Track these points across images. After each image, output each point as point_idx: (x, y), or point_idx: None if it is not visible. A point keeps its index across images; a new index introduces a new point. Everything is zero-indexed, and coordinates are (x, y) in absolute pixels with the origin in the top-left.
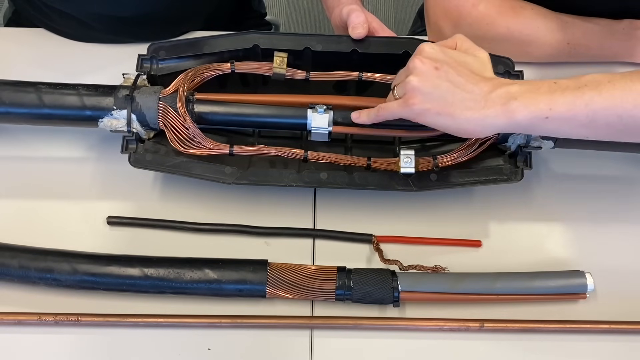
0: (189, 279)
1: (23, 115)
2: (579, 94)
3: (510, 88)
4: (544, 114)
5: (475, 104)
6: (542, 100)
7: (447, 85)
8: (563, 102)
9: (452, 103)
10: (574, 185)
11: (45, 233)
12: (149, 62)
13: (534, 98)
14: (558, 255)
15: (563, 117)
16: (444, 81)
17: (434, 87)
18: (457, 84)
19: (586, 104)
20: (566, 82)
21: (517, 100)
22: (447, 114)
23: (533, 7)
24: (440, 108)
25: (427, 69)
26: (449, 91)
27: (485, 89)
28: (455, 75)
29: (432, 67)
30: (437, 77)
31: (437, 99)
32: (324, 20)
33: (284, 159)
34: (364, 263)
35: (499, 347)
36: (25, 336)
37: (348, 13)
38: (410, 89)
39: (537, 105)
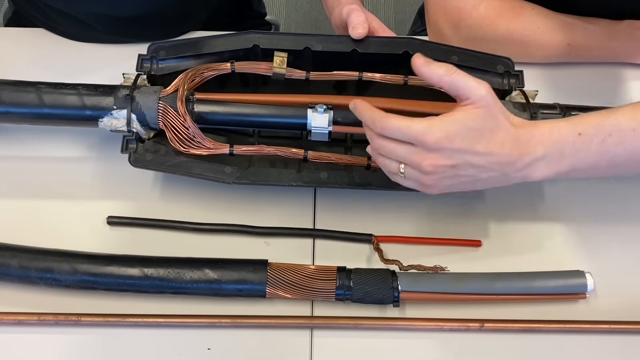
0: (189, 279)
1: (23, 115)
2: (602, 151)
3: (533, 160)
4: (565, 172)
5: (496, 181)
6: (565, 165)
7: (467, 176)
8: (586, 162)
9: (474, 186)
10: (574, 185)
11: (45, 233)
12: (149, 62)
13: (557, 164)
14: (558, 255)
15: (585, 173)
16: (462, 174)
17: (454, 181)
18: (476, 172)
19: (609, 158)
20: (591, 131)
21: (541, 171)
22: (471, 191)
23: (533, 8)
24: (465, 190)
25: (445, 169)
26: (469, 180)
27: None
28: (472, 165)
29: (449, 165)
30: (456, 173)
31: (458, 187)
32: (324, 20)
33: (284, 159)
34: (364, 263)
35: (499, 347)
36: (25, 336)
37: (348, 13)
38: (428, 185)
39: (559, 169)
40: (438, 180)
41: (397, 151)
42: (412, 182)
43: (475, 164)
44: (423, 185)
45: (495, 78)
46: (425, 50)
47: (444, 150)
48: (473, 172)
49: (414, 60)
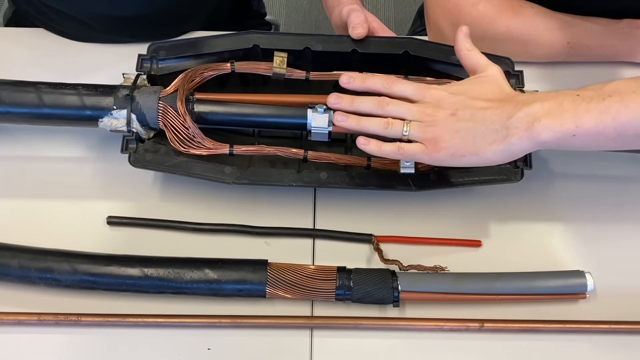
0: (189, 279)
1: (23, 115)
2: (604, 108)
3: (530, 109)
4: (570, 132)
5: (497, 135)
6: (567, 119)
7: (466, 126)
8: (589, 119)
9: (474, 142)
10: (574, 185)
11: (45, 233)
12: (149, 62)
13: (558, 117)
14: (558, 255)
15: (591, 133)
16: (462, 124)
17: (455, 132)
18: (476, 121)
19: (613, 117)
20: (589, 93)
21: (541, 122)
22: (471, 154)
23: (533, 7)
24: (464, 150)
25: (444, 118)
26: (469, 132)
27: (504, 115)
28: (472, 113)
29: (449, 113)
30: (456, 122)
31: (460, 142)
32: (324, 20)
33: (284, 159)
34: (364, 263)
35: (499, 347)
36: (25, 336)
37: (348, 13)
38: (431, 139)
39: (562, 125)
40: (439, 132)
41: (404, 106)
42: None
43: (475, 108)
44: (427, 142)
45: None
46: (425, 50)
47: (444, 99)
48: (473, 120)
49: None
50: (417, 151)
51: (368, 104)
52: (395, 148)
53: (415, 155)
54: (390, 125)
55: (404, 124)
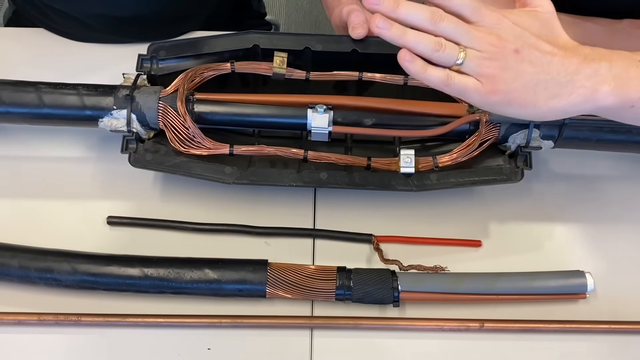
0: (189, 279)
1: (23, 115)
2: None
3: (600, 68)
4: (632, 102)
5: (562, 90)
6: (632, 87)
7: (530, 70)
8: None
9: (535, 92)
10: (574, 185)
11: (45, 233)
12: (149, 62)
13: (625, 84)
14: (558, 255)
15: None
16: (527, 66)
17: (517, 74)
18: (541, 67)
19: None
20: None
21: (609, 85)
22: (530, 105)
23: None
24: (523, 99)
25: (507, 54)
26: (533, 78)
27: (571, 68)
28: (538, 56)
29: (512, 49)
30: (520, 62)
31: (520, 88)
32: (324, 20)
33: (284, 159)
34: (364, 263)
35: (499, 347)
36: (25, 336)
37: (348, 13)
38: (489, 76)
39: (627, 94)
40: (499, 70)
41: (460, 27)
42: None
43: (541, 52)
44: (483, 79)
45: None
46: None
47: (507, 29)
48: (538, 65)
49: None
50: (471, 87)
51: (417, 13)
52: (444, 76)
53: (466, 91)
54: (443, 47)
55: (460, 50)
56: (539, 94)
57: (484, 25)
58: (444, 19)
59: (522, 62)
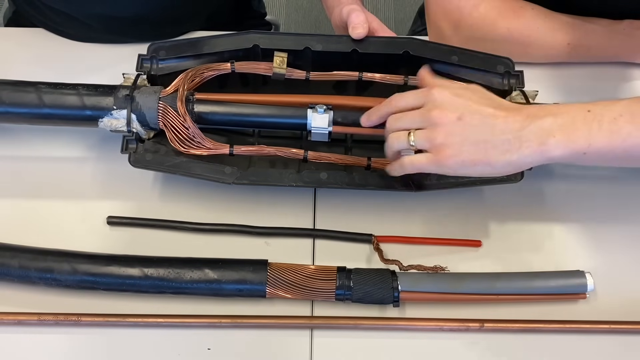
0: (189, 279)
1: (23, 115)
2: (616, 129)
3: (543, 122)
4: (582, 150)
5: (511, 146)
6: (580, 137)
7: (476, 133)
8: (601, 138)
9: (485, 151)
10: (574, 185)
11: (45, 233)
12: (149, 62)
13: (571, 134)
14: (558, 255)
15: (601, 152)
16: (471, 129)
17: (464, 138)
18: (484, 128)
19: (623, 139)
20: (600, 110)
21: (555, 137)
22: (484, 163)
23: (534, 8)
24: (476, 158)
25: (451, 122)
26: (479, 139)
27: (515, 126)
28: (481, 119)
29: (455, 117)
30: (463, 128)
31: (469, 150)
32: (324, 20)
33: (284, 159)
34: (364, 263)
35: (499, 347)
36: (25, 336)
37: (348, 13)
38: (439, 145)
39: (575, 143)
40: (445, 136)
41: (407, 116)
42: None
43: (483, 115)
44: (434, 149)
45: (495, 78)
46: (425, 50)
47: (448, 102)
48: (481, 127)
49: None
50: (423, 161)
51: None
52: (397, 165)
53: (422, 165)
54: (395, 139)
55: (409, 134)
56: (490, 152)
57: (428, 103)
58: (394, 121)
59: (466, 127)
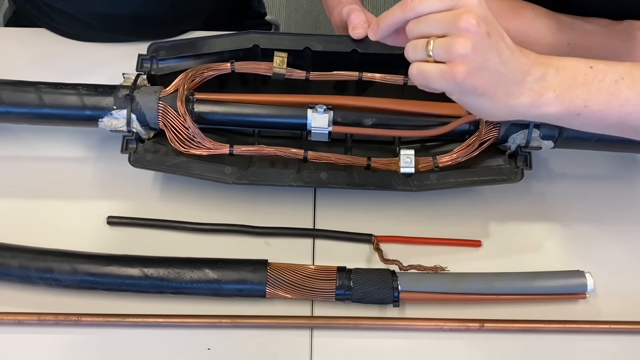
0: (189, 279)
1: (23, 115)
2: (615, 92)
3: (547, 73)
4: (577, 110)
5: (515, 88)
6: (578, 95)
7: (497, 59)
8: (599, 100)
9: (497, 83)
10: (574, 185)
11: (45, 233)
12: (149, 62)
13: (570, 91)
14: (558, 255)
15: (596, 116)
16: (494, 53)
17: (486, 60)
18: (504, 58)
19: (621, 104)
20: (603, 68)
21: (554, 92)
22: (490, 96)
23: (533, 8)
24: (487, 87)
25: (481, 34)
26: (497, 67)
27: (525, 67)
28: (504, 47)
29: (486, 31)
30: (490, 48)
31: (485, 75)
32: (324, 20)
33: (284, 159)
34: (364, 263)
35: (499, 347)
36: (25, 336)
37: (348, 13)
38: (459, 56)
39: (572, 101)
40: (471, 48)
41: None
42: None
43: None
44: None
45: None
46: None
47: (485, 13)
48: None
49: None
50: (433, 71)
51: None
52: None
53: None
54: (412, 48)
55: (428, 42)
56: (499, 86)
57: (459, 6)
58: (415, 25)
59: (492, 48)
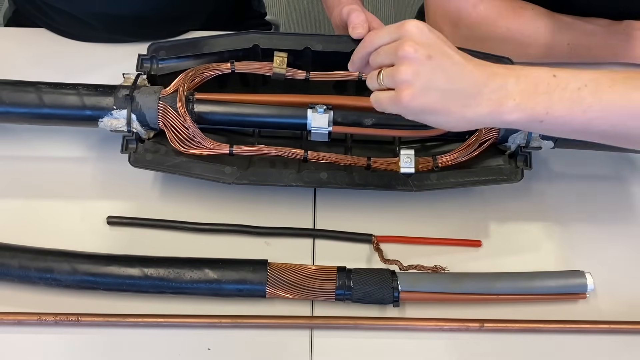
0: (189, 279)
1: (23, 115)
2: (577, 99)
3: (506, 83)
4: (539, 117)
5: (471, 100)
6: (539, 103)
7: (443, 78)
8: (561, 108)
9: (449, 100)
10: (574, 185)
11: (45, 233)
12: (149, 62)
13: (531, 99)
14: (558, 255)
15: (558, 122)
16: (439, 73)
17: (430, 80)
18: (452, 75)
19: (584, 110)
20: (566, 77)
21: (514, 100)
22: (444, 113)
23: (533, 8)
24: (437, 105)
25: (420, 58)
26: (445, 85)
27: (480, 80)
28: (450, 65)
29: (425, 55)
30: (433, 69)
31: (432, 95)
32: (324, 20)
33: (284, 159)
34: (364, 263)
35: (499, 347)
36: (25, 336)
37: (348, 13)
38: (402, 82)
39: (533, 109)
40: (412, 75)
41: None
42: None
43: (453, 61)
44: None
45: None
46: None
47: (425, 37)
48: (449, 73)
49: None
50: (385, 100)
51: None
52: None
53: (384, 105)
54: (369, 79)
55: (379, 72)
56: (451, 102)
57: (401, 37)
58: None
59: (435, 69)
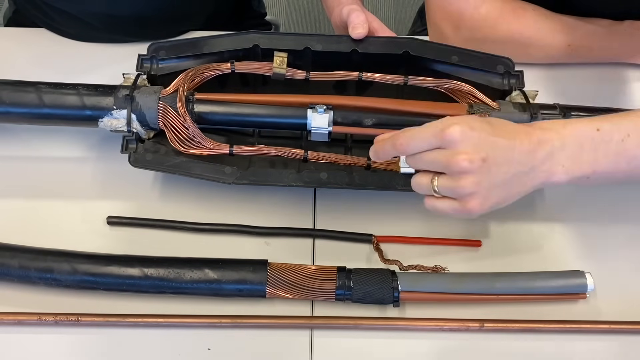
0: (189, 279)
1: (23, 115)
2: (622, 152)
3: (553, 149)
4: (585, 176)
5: (526, 178)
6: (585, 162)
7: (500, 172)
8: (606, 163)
9: (510, 188)
10: (574, 185)
11: (45, 233)
12: (149, 62)
13: (577, 161)
14: (558, 255)
15: (603, 176)
16: (495, 169)
17: (490, 183)
18: (506, 164)
19: (628, 162)
20: (609, 129)
21: (563, 167)
22: (509, 200)
23: (535, 9)
24: (502, 199)
25: (478, 167)
26: (504, 176)
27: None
28: (502, 154)
29: (480, 160)
30: (489, 170)
31: (496, 192)
32: (324, 20)
33: (284, 159)
34: (364, 263)
35: (499, 347)
36: (25, 336)
37: (348, 13)
38: (467, 195)
39: (580, 170)
40: (475, 185)
41: (426, 157)
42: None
43: (501, 149)
44: (461, 198)
45: (495, 78)
46: (425, 50)
47: (471, 140)
48: (503, 164)
49: None
50: (448, 210)
51: None
52: (429, 203)
53: (447, 214)
54: (417, 185)
55: (432, 180)
56: (513, 189)
57: (446, 145)
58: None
59: (491, 169)
